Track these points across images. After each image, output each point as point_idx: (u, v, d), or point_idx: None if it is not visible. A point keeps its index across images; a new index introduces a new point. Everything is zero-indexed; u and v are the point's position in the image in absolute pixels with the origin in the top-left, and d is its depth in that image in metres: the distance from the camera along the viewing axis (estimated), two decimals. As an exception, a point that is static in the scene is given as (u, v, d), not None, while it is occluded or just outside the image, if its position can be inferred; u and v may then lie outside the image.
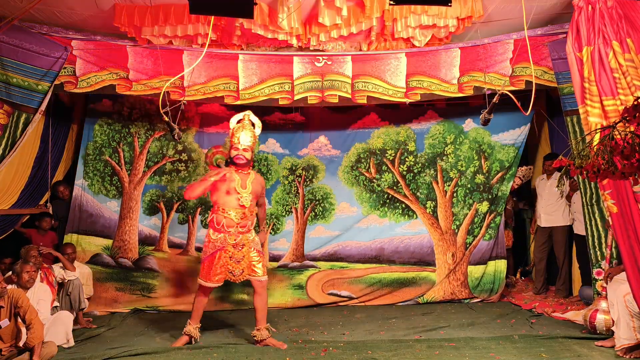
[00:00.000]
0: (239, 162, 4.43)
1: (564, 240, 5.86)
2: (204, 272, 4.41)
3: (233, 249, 4.36)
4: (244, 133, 4.48)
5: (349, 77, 5.27)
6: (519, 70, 5.13)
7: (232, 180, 4.39)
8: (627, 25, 4.03)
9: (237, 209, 4.35)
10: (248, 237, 4.42)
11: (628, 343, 3.83)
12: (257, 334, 4.39)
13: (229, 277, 4.43)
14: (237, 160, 4.43)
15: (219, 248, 4.35)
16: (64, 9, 4.63)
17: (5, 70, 4.56)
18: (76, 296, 4.88)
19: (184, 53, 5.10)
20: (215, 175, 4.39)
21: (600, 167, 2.63)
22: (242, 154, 4.43)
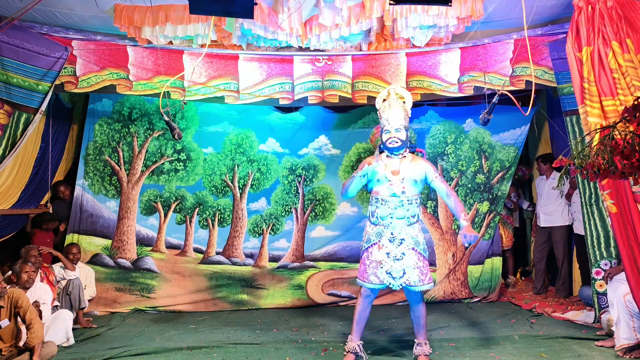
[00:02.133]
0: (392, 146, 3.86)
1: (563, 240, 5.87)
2: (360, 271, 3.92)
3: (390, 244, 3.83)
4: (394, 111, 3.87)
5: (349, 77, 5.27)
6: (519, 70, 5.14)
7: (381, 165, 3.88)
8: (626, 26, 4.03)
9: (391, 198, 3.82)
10: (408, 231, 3.83)
11: (628, 343, 3.83)
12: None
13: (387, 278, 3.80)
14: (390, 144, 3.86)
15: (374, 242, 3.87)
16: (64, 9, 4.62)
17: (5, 70, 4.56)
18: (76, 295, 4.89)
19: (184, 53, 5.10)
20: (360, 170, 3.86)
21: (600, 167, 2.64)
22: (394, 136, 3.85)
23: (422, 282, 3.79)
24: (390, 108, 3.91)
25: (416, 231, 3.86)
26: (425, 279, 3.80)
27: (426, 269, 3.83)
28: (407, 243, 3.81)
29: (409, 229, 3.83)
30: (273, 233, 6.01)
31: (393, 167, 3.86)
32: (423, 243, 3.88)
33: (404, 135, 3.88)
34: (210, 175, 6.00)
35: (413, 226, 3.85)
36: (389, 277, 3.79)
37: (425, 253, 3.87)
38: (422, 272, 3.79)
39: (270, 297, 5.87)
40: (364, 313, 3.89)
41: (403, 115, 3.90)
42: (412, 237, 3.83)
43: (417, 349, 3.90)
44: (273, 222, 6.02)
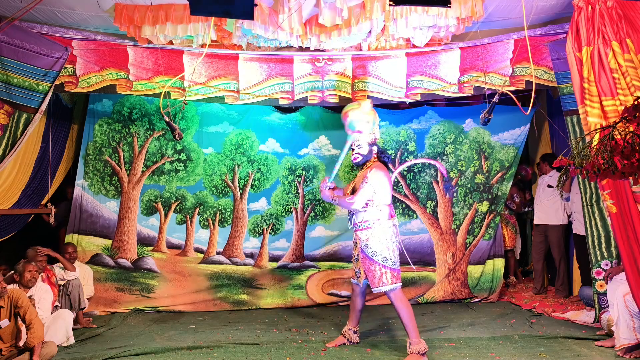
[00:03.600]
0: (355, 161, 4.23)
1: (559, 240, 5.86)
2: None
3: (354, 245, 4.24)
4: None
5: (349, 77, 5.28)
6: (519, 70, 5.14)
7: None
8: (626, 26, 4.03)
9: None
10: (359, 235, 4.11)
11: (628, 343, 3.83)
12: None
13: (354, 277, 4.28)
14: (354, 160, 4.24)
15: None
16: (64, 9, 4.63)
17: (5, 70, 4.56)
18: (76, 296, 4.89)
19: (184, 53, 5.10)
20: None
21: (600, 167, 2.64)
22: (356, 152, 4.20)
23: (375, 285, 4.03)
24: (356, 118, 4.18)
25: (367, 236, 4.05)
26: (376, 282, 4.00)
27: (379, 272, 4.01)
28: (359, 246, 4.12)
29: (360, 234, 4.09)
30: (273, 233, 6.02)
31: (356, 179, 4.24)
32: (373, 247, 4.02)
33: (365, 150, 4.19)
34: (210, 176, 6.01)
35: (364, 232, 4.06)
36: (356, 275, 4.25)
37: (375, 257, 4.02)
38: (373, 275, 4.02)
39: (270, 297, 5.88)
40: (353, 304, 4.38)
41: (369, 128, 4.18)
42: (362, 240, 4.08)
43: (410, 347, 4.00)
44: (273, 222, 6.02)
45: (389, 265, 4.01)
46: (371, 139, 4.22)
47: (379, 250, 4.02)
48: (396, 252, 4.08)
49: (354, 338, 4.34)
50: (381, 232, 4.03)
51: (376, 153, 4.24)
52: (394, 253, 4.06)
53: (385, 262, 4.01)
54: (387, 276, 3.99)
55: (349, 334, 4.36)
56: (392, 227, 4.09)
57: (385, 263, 4.00)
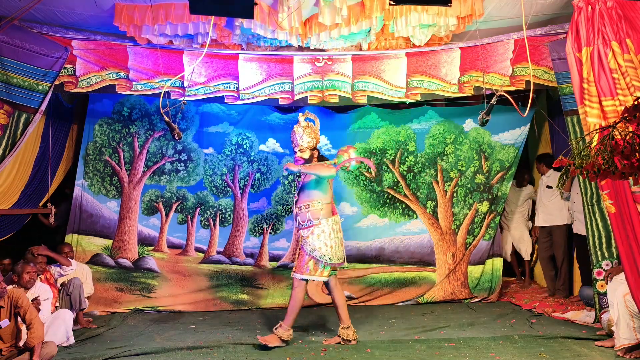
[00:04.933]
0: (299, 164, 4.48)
1: (563, 240, 5.85)
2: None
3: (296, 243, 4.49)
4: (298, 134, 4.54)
5: (349, 77, 5.27)
6: (519, 70, 5.14)
7: None
8: (626, 26, 4.02)
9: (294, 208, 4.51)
10: (302, 234, 4.40)
11: (628, 343, 3.83)
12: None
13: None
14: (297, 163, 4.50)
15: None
16: (64, 9, 4.63)
17: (5, 70, 4.56)
18: (76, 296, 4.89)
19: (184, 53, 5.10)
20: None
21: (600, 167, 2.64)
22: (298, 156, 4.50)
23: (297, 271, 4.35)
24: (296, 133, 4.53)
25: (307, 234, 4.31)
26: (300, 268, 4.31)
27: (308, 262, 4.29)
28: (300, 243, 4.41)
29: (303, 232, 4.36)
30: (273, 233, 6.02)
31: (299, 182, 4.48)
32: (312, 244, 4.29)
33: (307, 155, 4.45)
34: (211, 176, 6.01)
35: (306, 230, 4.33)
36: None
37: (314, 253, 4.28)
38: (300, 264, 4.33)
39: (271, 297, 5.87)
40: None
41: (306, 138, 4.47)
42: (304, 238, 4.35)
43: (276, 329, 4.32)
44: (273, 222, 6.02)
45: (326, 260, 4.28)
46: (312, 144, 4.52)
47: (317, 247, 4.28)
48: (334, 248, 4.33)
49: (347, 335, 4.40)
50: (321, 230, 4.30)
51: (317, 156, 4.56)
52: (332, 250, 4.31)
53: (323, 259, 4.28)
54: (311, 267, 4.29)
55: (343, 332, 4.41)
56: (332, 224, 4.36)
57: (323, 259, 4.28)
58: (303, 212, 4.36)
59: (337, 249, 4.34)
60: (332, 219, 4.38)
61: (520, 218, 6.46)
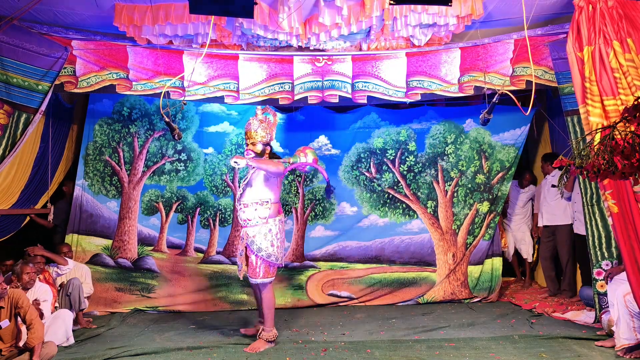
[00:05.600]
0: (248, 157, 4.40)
1: (567, 240, 5.82)
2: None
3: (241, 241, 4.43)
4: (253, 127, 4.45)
5: (349, 77, 5.27)
6: (520, 70, 5.13)
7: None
8: (627, 25, 4.02)
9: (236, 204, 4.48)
10: (247, 232, 4.35)
11: (628, 343, 3.83)
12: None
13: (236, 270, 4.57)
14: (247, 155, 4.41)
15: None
16: (64, 9, 4.62)
17: (5, 70, 4.56)
18: (76, 296, 4.88)
19: (184, 53, 5.10)
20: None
21: (600, 167, 2.64)
22: (249, 149, 4.42)
23: (253, 277, 4.28)
24: (251, 125, 4.45)
25: (254, 232, 4.26)
26: (256, 273, 4.25)
27: (259, 265, 4.25)
28: (245, 242, 4.33)
29: (249, 230, 4.30)
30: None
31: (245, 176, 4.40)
32: (259, 244, 4.25)
33: (259, 149, 4.38)
34: (211, 176, 6.00)
35: (252, 228, 4.28)
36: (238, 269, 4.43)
37: (260, 253, 4.25)
38: (254, 268, 4.27)
39: (271, 298, 5.86)
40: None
41: (260, 132, 4.40)
42: (249, 237, 4.29)
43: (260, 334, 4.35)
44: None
45: (272, 261, 4.29)
46: (266, 139, 4.46)
47: (264, 246, 4.26)
48: (281, 248, 4.36)
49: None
50: (268, 229, 4.27)
51: (268, 152, 4.51)
52: (278, 250, 4.33)
53: (269, 258, 4.27)
54: (264, 270, 4.26)
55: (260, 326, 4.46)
56: (279, 223, 4.36)
57: (269, 259, 4.27)
58: (250, 210, 4.28)
59: (281, 249, 4.38)
60: (278, 218, 4.36)
61: (523, 219, 6.45)
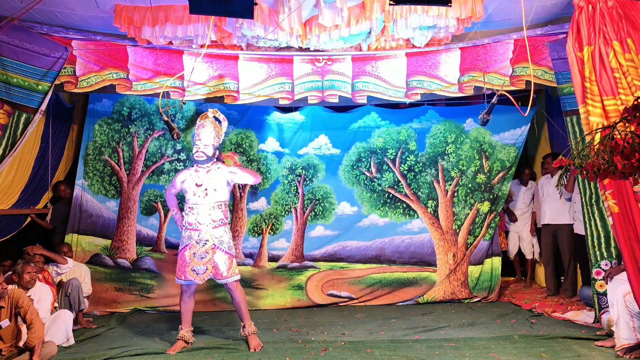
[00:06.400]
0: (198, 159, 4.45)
1: (569, 239, 5.82)
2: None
3: (197, 245, 4.37)
4: (206, 130, 4.48)
5: (349, 77, 5.27)
6: (519, 70, 5.13)
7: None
8: (627, 25, 4.02)
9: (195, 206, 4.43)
10: (214, 233, 4.38)
11: (628, 343, 3.82)
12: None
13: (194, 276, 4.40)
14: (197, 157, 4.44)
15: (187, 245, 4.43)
16: (64, 9, 4.62)
17: (5, 70, 4.56)
18: (75, 297, 4.88)
19: (183, 53, 5.10)
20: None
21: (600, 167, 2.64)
22: (201, 150, 4.43)
23: (227, 276, 4.37)
24: (204, 127, 4.47)
25: (221, 232, 4.41)
26: (229, 273, 4.37)
27: (231, 264, 4.40)
28: (211, 243, 4.36)
29: (216, 231, 4.38)
30: (272, 233, 6.01)
31: (198, 179, 4.42)
32: (227, 242, 4.41)
33: (210, 152, 4.43)
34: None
35: (219, 228, 4.40)
36: (194, 273, 4.37)
37: (231, 250, 4.43)
38: (228, 267, 4.37)
39: (270, 298, 5.87)
40: (186, 305, 4.47)
41: (213, 135, 4.47)
42: (217, 237, 4.37)
43: (244, 330, 4.39)
44: (272, 222, 6.01)
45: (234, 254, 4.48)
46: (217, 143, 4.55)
47: (231, 244, 4.46)
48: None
49: (192, 338, 4.42)
50: (229, 228, 4.55)
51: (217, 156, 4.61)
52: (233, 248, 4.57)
53: (234, 256, 4.49)
54: (235, 267, 4.43)
55: (187, 335, 4.40)
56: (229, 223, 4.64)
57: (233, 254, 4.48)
58: (216, 211, 4.39)
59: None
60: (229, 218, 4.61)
61: (528, 217, 6.42)
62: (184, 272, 4.38)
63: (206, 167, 4.45)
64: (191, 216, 4.39)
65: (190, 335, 4.41)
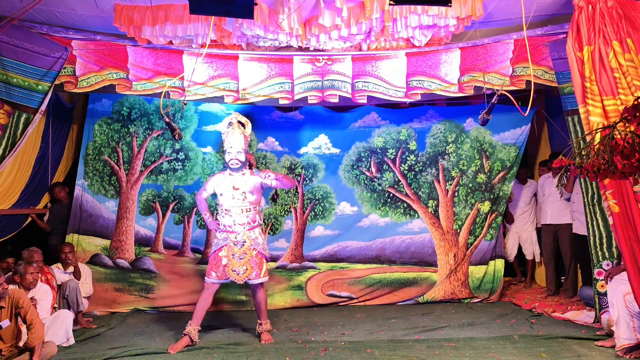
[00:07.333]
0: (233, 166, 4.57)
1: (570, 239, 5.82)
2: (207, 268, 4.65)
3: (235, 246, 4.50)
4: (235, 137, 4.59)
5: (349, 77, 5.27)
6: (519, 70, 5.13)
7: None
8: (627, 25, 4.02)
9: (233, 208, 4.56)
10: (249, 235, 4.53)
11: (628, 343, 3.83)
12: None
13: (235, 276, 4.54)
14: (232, 165, 4.57)
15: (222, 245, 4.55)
16: (64, 9, 4.62)
17: (5, 70, 4.56)
18: (73, 298, 4.87)
19: (183, 53, 5.10)
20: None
21: (600, 166, 2.64)
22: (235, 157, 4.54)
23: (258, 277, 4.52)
24: (232, 134, 4.58)
25: (256, 234, 4.57)
26: (262, 273, 4.55)
27: (265, 266, 4.58)
28: (248, 245, 4.51)
29: (251, 233, 4.55)
30: (272, 233, 6.00)
31: (235, 182, 4.56)
32: (262, 243, 4.59)
33: (243, 157, 4.56)
34: (208, 175, 5.97)
35: (254, 230, 4.57)
36: (235, 273, 4.51)
37: (265, 252, 4.61)
38: (260, 268, 4.54)
39: (270, 298, 5.80)
40: (204, 303, 4.57)
41: (242, 140, 4.57)
42: (253, 239, 4.53)
43: (260, 327, 4.59)
44: (272, 222, 6.00)
45: (267, 255, 4.67)
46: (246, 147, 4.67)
47: (265, 246, 4.65)
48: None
49: (197, 337, 4.46)
50: (262, 230, 4.72)
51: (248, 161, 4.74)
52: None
53: (267, 257, 4.67)
54: (265, 269, 4.60)
55: (194, 333, 4.44)
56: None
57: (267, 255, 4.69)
58: (251, 213, 4.55)
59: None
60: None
61: (528, 217, 6.41)
62: (217, 271, 4.50)
63: (241, 171, 4.59)
64: (228, 218, 4.51)
65: (196, 334, 4.45)
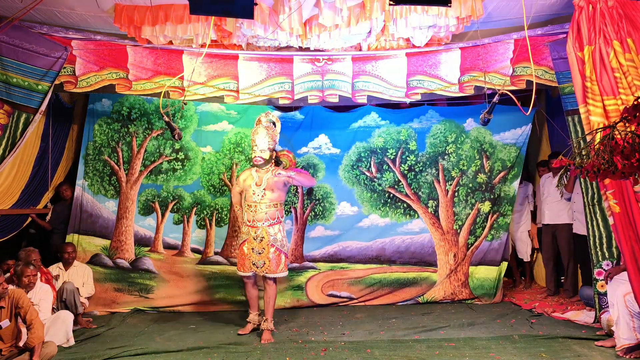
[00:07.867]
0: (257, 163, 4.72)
1: (569, 239, 5.82)
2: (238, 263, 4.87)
3: (254, 240, 4.64)
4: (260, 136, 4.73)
5: (349, 76, 5.27)
6: (520, 70, 5.13)
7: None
8: (627, 25, 4.02)
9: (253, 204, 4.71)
10: (269, 230, 4.65)
11: (628, 343, 3.83)
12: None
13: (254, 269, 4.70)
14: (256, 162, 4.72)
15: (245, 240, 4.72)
16: (64, 9, 4.63)
17: (5, 70, 4.57)
18: (71, 301, 4.86)
19: (183, 53, 5.10)
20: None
21: (600, 166, 2.64)
22: (259, 155, 4.70)
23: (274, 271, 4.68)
24: (258, 133, 4.73)
25: (275, 230, 4.69)
26: (279, 268, 4.69)
27: (283, 260, 4.72)
28: (267, 240, 4.65)
29: (271, 229, 4.67)
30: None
31: (258, 179, 4.72)
32: (281, 239, 4.71)
33: (267, 155, 4.70)
34: (208, 175, 5.98)
35: (274, 226, 4.69)
36: (254, 267, 4.67)
37: (283, 248, 4.74)
38: (277, 263, 4.68)
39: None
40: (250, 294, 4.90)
41: (268, 139, 4.71)
42: (272, 235, 4.67)
43: (264, 323, 4.70)
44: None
45: (285, 251, 4.78)
46: (273, 146, 4.80)
47: (284, 242, 4.77)
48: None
49: (259, 321, 4.78)
50: (283, 227, 4.78)
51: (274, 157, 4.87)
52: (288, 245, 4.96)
53: (287, 253, 4.84)
54: (283, 265, 4.72)
55: (256, 319, 4.80)
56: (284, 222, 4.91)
57: (287, 251, 4.84)
58: (272, 210, 4.67)
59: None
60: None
61: (521, 217, 6.42)
62: (243, 264, 4.72)
63: (265, 169, 4.72)
64: (250, 214, 4.68)
65: (258, 319, 4.79)
